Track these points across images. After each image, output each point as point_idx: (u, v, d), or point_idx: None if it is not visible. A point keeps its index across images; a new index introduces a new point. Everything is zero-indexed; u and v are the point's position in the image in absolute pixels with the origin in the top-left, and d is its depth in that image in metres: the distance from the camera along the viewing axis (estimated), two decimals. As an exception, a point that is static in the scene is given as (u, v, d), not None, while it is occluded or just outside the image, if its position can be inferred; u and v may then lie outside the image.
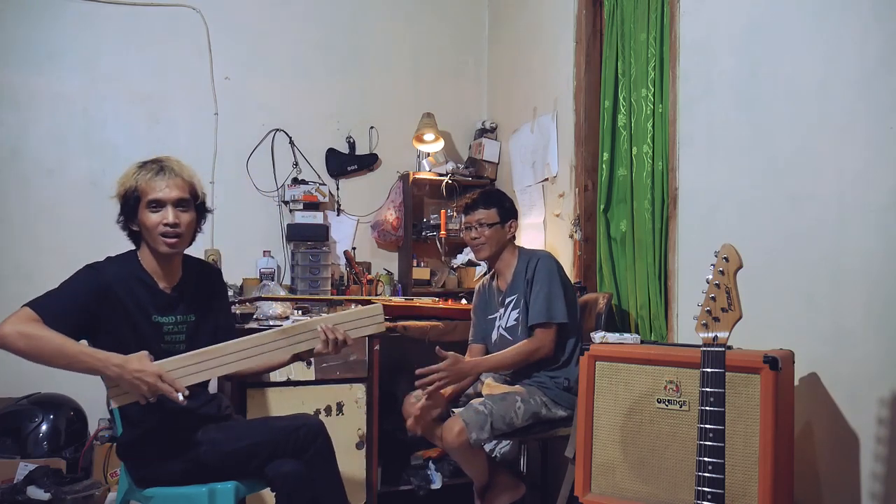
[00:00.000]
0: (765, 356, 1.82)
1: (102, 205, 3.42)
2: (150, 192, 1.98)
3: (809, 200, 2.06)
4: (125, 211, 2.02)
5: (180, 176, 2.03)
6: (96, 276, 1.96)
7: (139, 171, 2.01)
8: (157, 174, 2.00)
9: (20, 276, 3.31)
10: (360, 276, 3.76)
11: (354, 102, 3.94)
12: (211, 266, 2.34)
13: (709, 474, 1.52)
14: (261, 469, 2.00)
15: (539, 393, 2.55)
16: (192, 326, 2.09)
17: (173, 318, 2.06)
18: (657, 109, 2.74)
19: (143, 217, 1.99)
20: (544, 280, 2.57)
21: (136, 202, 1.99)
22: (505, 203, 2.73)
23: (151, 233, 2.00)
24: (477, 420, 2.36)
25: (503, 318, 2.69)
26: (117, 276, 1.99)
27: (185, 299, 2.09)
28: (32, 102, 3.38)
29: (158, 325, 2.03)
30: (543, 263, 2.61)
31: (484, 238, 2.66)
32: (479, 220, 2.66)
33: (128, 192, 2.00)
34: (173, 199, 1.99)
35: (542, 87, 3.54)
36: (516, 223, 2.77)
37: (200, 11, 3.63)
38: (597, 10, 3.18)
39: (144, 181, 1.99)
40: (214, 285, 2.25)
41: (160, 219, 1.98)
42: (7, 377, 3.21)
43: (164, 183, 1.99)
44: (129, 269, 2.03)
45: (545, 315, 2.53)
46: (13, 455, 2.87)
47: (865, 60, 1.91)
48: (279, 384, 2.79)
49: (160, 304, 2.04)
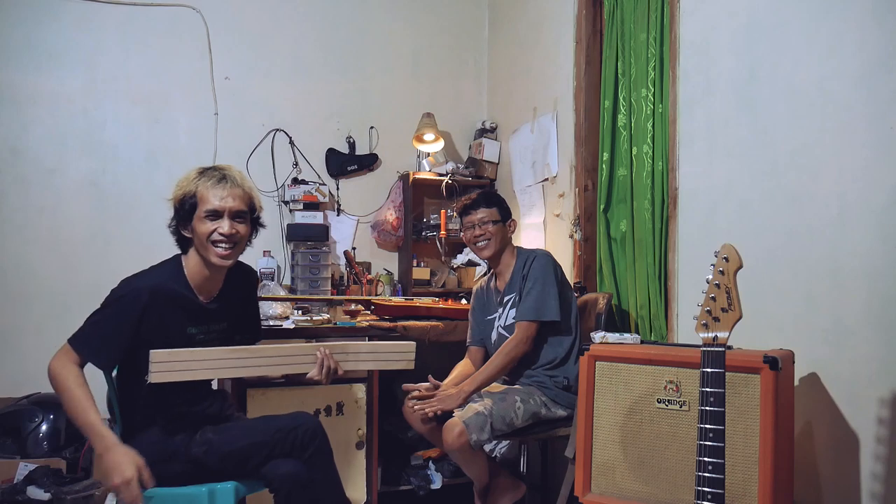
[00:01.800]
0: (765, 356, 1.81)
1: (102, 205, 3.48)
2: (209, 200, 1.95)
3: (809, 200, 2.06)
4: (179, 216, 1.98)
5: (241, 187, 2.00)
6: (135, 300, 1.93)
7: (199, 177, 1.98)
8: (218, 182, 1.97)
9: (20, 276, 3.32)
10: (360, 276, 3.76)
11: (354, 102, 3.94)
12: (248, 268, 2.28)
13: (709, 474, 1.52)
14: (258, 469, 2.00)
15: (538, 392, 2.55)
16: (224, 333, 2.10)
17: (206, 328, 2.06)
18: (657, 109, 2.74)
19: (197, 225, 1.96)
20: (538, 277, 2.58)
21: (192, 208, 1.96)
22: (503, 203, 2.77)
23: (204, 241, 1.97)
24: (477, 421, 2.37)
25: (502, 318, 2.70)
26: (157, 291, 1.95)
27: (220, 310, 2.09)
28: (32, 102, 3.38)
29: (191, 336, 2.03)
30: (539, 261, 2.62)
31: (489, 234, 2.67)
32: (482, 218, 2.67)
33: (185, 197, 1.96)
34: (232, 210, 1.97)
35: (542, 87, 3.54)
36: (515, 223, 2.80)
37: (200, 11, 3.63)
38: (597, 10, 3.18)
39: (205, 188, 1.96)
40: (250, 288, 2.25)
41: (215, 228, 1.95)
42: (7, 377, 3.22)
43: (224, 192, 1.96)
44: (170, 281, 2.00)
45: (533, 313, 2.55)
46: (13, 455, 2.87)
47: (865, 60, 1.91)
48: (279, 384, 2.79)
49: (197, 317, 2.03)
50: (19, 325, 3.30)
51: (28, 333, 3.30)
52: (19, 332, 3.29)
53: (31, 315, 3.31)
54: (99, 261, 3.38)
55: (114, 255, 3.38)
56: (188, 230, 1.99)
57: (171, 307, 1.98)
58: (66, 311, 3.29)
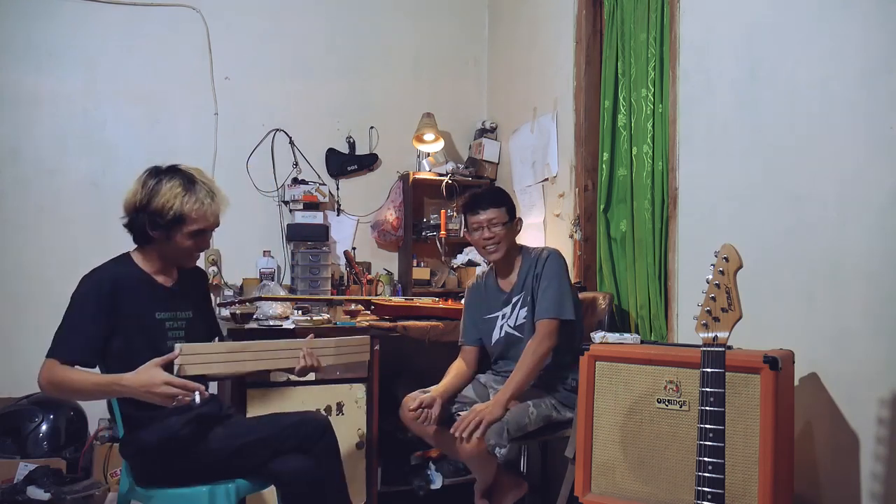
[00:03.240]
0: (765, 356, 1.81)
1: (102, 205, 3.47)
2: (199, 221, 1.97)
3: (809, 200, 2.06)
4: (156, 224, 1.96)
5: (223, 201, 2.04)
6: (99, 283, 1.95)
7: (186, 194, 1.95)
8: (208, 200, 1.97)
9: (20, 276, 3.32)
10: (360, 276, 3.76)
11: (354, 102, 3.94)
12: (199, 268, 2.33)
13: (709, 474, 1.52)
14: (265, 465, 2.00)
15: (548, 396, 2.55)
16: (190, 323, 2.11)
17: (173, 315, 2.07)
18: (657, 109, 2.74)
19: (179, 239, 1.98)
20: (554, 277, 2.54)
21: (175, 222, 1.95)
22: (510, 200, 2.69)
23: (182, 252, 2.01)
24: (494, 428, 2.36)
25: (510, 318, 2.64)
26: (118, 278, 1.98)
27: (182, 295, 2.11)
28: (32, 102, 3.38)
29: (161, 322, 2.03)
30: (554, 261, 2.58)
31: (498, 237, 2.59)
32: (491, 220, 2.58)
33: (169, 211, 1.94)
34: (216, 226, 2.03)
35: (542, 87, 3.54)
36: (521, 221, 2.74)
37: (200, 11, 3.64)
38: (597, 10, 3.18)
39: (194, 210, 1.95)
40: (203, 286, 2.29)
41: (199, 244, 2.00)
42: (7, 377, 3.22)
43: (213, 209, 1.99)
44: (128, 270, 2.03)
45: (555, 311, 2.50)
46: (13, 455, 2.87)
47: (865, 60, 1.91)
48: (279, 384, 2.79)
49: (161, 301, 2.04)
50: (19, 325, 3.30)
51: (28, 333, 3.29)
52: (19, 333, 3.29)
53: (31, 315, 3.31)
54: (99, 261, 3.29)
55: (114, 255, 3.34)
56: (159, 234, 1.98)
57: (136, 292, 1.99)
58: (67, 311, 3.30)
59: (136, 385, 1.79)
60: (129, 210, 2.00)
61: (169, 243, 1.99)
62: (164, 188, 1.95)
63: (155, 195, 1.95)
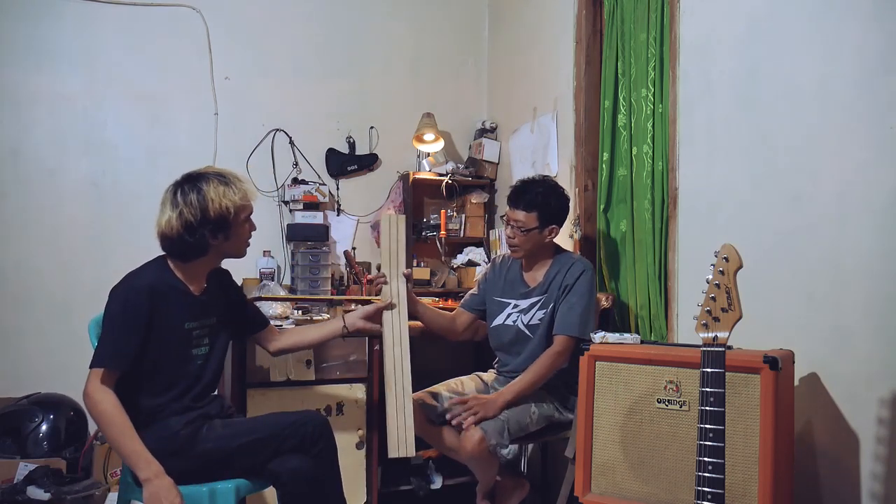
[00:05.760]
0: (765, 356, 1.82)
1: (103, 205, 3.47)
2: (249, 204, 2.09)
3: (809, 200, 2.06)
4: (219, 229, 2.02)
5: (243, 177, 2.13)
6: (138, 289, 1.96)
7: (227, 188, 2.02)
8: (242, 182, 2.07)
9: (21, 276, 3.32)
10: (359, 276, 3.76)
11: (354, 102, 3.94)
12: (219, 267, 2.33)
13: (709, 474, 1.52)
14: (265, 465, 2.00)
15: (549, 396, 2.55)
16: (215, 328, 2.14)
17: (200, 323, 2.09)
18: (657, 109, 2.74)
19: (240, 230, 2.08)
20: (585, 293, 2.49)
21: (234, 218, 2.04)
22: (550, 206, 2.54)
23: (244, 241, 2.12)
24: (496, 427, 2.36)
25: (526, 314, 2.60)
26: (155, 287, 1.99)
27: (210, 304, 2.14)
28: (32, 102, 3.38)
29: (189, 331, 2.06)
30: (587, 279, 2.52)
31: (518, 241, 2.55)
32: (518, 222, 2.53)
33: (231, 211, 2.02)
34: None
35: (542, 87, 3.54)
36: (558, 229, 2.58)
37: (200, 11, 3.63)
38: (597, 10, 3.18)
39: (241, 197, 2.05)
40: (227, 284, 2.30)
41: (252, 225, 2.13)
42: (7, 377, 3.22)
43: (251, 188, 2.12)
44: (164, 278, 2.04)
45: (578, 330, 2.45)
46: (13, 455, 2.87)
47: (865, 60, 1.91)
48: (279, 384, 2.79)
49: (192, 309, 2.07)
50: (20, 325, 3.30)
51: (28, 333, 3.30)
52: (20, 333, 3.29)
53: (31, 315, 3.31)
54: (99, 261, 3.38)
55: (114, 255, 3.37)
56: (223, 236, 2.04)
57: (171, 301, 2.01)
58: (67, 311, 3.30)
59: (150, 488, 1.83)
60: (178, 232, 2.00)
61: (228, 241, 2.06)
62: (209, 195, 1.99)
63: (208, 205, 1.98)
